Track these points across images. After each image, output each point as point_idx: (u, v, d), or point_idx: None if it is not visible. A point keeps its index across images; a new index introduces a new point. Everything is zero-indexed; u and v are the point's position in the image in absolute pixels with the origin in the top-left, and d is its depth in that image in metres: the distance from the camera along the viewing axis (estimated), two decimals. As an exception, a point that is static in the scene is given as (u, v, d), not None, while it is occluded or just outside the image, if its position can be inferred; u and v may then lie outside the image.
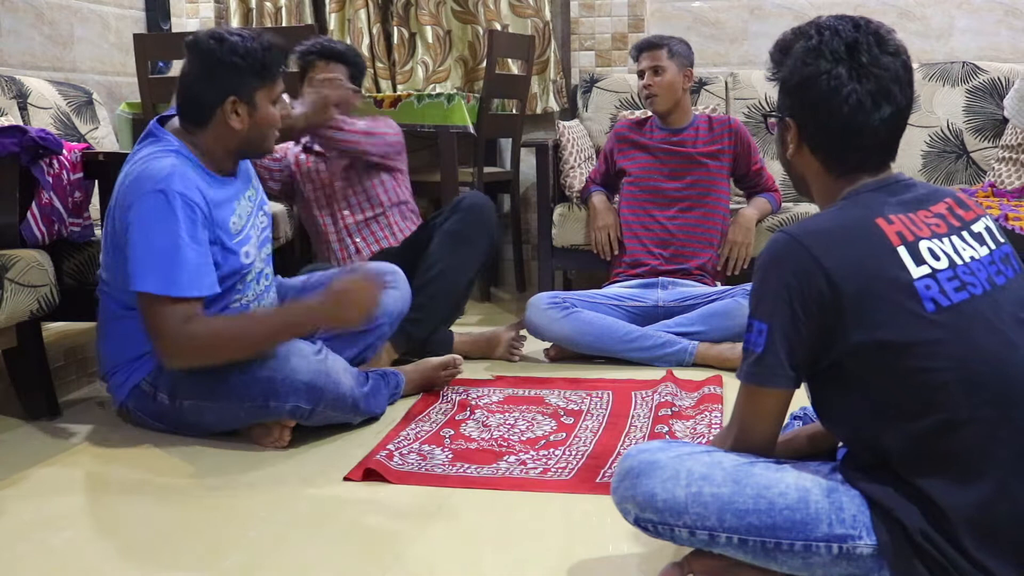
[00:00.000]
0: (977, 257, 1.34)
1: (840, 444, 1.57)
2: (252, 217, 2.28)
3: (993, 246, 1.37)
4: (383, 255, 3.02)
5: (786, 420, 1.74)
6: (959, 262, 1.31)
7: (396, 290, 2.51)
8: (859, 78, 1.34)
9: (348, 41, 4.30)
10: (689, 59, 3.17)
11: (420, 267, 2.86)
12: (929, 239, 1.32)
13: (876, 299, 1.28)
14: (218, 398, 2.11)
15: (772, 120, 1.50)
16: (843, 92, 1.34)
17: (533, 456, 2.08)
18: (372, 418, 2.33)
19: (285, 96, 2.28)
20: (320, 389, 2.09)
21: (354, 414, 2.24)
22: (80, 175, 2.53)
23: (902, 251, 1.30)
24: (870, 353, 1.28)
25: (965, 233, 1.36)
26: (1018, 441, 1.25)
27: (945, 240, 1.33)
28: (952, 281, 1.29)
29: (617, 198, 3.35)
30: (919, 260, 1.30)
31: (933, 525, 1.25)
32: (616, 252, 3.24)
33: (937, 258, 1.30)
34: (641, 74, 3.15)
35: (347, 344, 2.42)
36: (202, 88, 2.12)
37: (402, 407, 2.44)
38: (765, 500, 1.35)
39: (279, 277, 2.51)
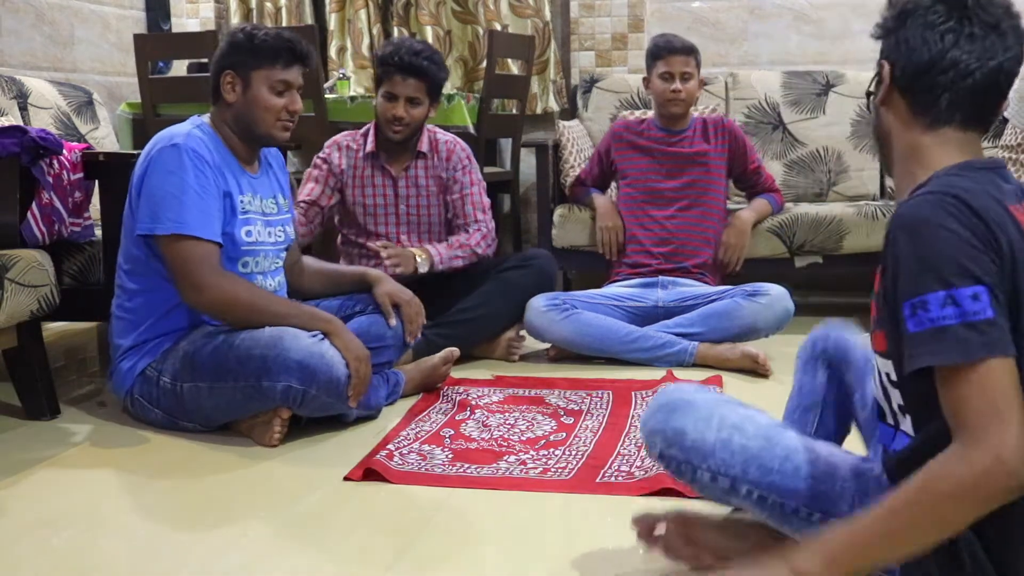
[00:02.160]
0: None
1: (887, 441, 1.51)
2: (264, 217, 2.35)
3: None
4: (424, 275, 2.97)
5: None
6: None
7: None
8: (959, 18, 1.23)
9: (348, 41, 4.31)
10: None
11: (466, 299, 2.91)
12: None
13: (1020, 286, 1.13)
14: (214, 379, 2.15)
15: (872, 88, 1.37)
16: (942, 25, 1.23)
17: (533, 456, 2.08)
18: (369, 416, 2.33)
19: (298, 96, 2.32)
20: (312, 369, 2.10)
21: (348, 405, 2.22)
22: (80, 175, 2.53)
23: None
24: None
25: None
26: None
27: None
28: None
29: (615, 198, 3.35)
30: None
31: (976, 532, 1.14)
32: (621, 253, 3.25)
33: None
34: (667, 76, 3.10)
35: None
36: (215, 63, 2.31)
37: (402, 407, 2.44)
38: (792, 464, 1.33)
39: None
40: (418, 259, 2.82)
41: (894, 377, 1.26)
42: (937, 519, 1.08)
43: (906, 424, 1.27)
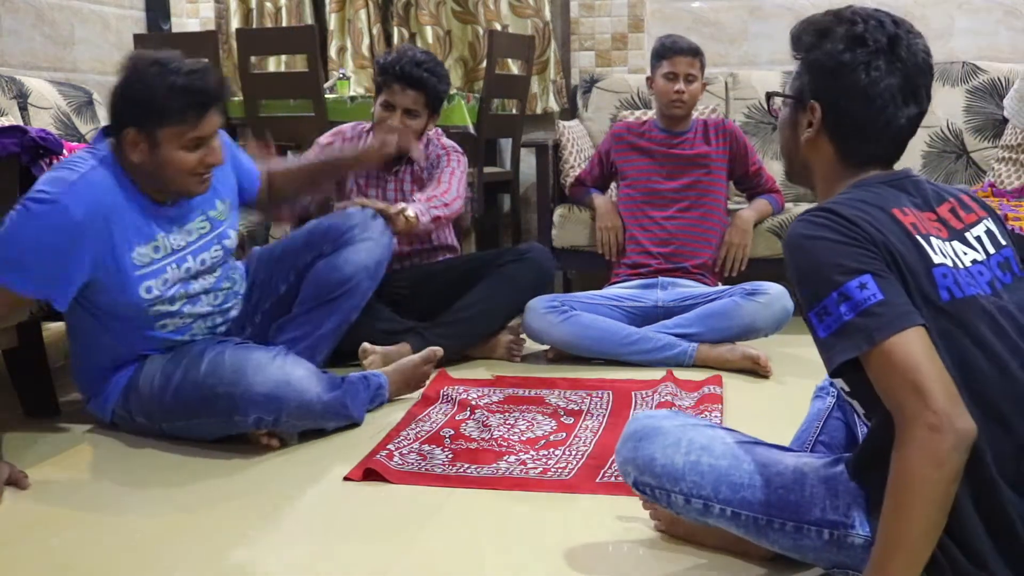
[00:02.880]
0: (979, 260, 1.32)
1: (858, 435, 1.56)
2: (184, 251, 2.16)
3: (992, 250, 1.35)
4: (420, 272, 2.98)
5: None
6: (961, 266, 1.28)
7: (370, 241, 2.46)
8: (895, 72, 1.32)
9: (348, 42, 4.30)
10: None
11: (464, 296, 2.89)
12: (936, 238, 1.29)
13: (904, 275, 1.23)
14: (187, 417, 2.12)
15: (777, 103, 1.45)
16: (881, 84, 1.31)
17: (533, 456, 2.08)
18: (353, 424, 2.29)
19: (219, 141, 2.08)
20: (279, 399, 2.06)
21: (324, 420, 2.20)
22: (80, 175, 2.52)
23: (919, 240, 1.27)
24: None
25: (967, 236, 1.34)
26: (999, 450, 1.21)
27: (946, 244, 1.30)
28: (960, 277, 1.27)
29: (615, 199, 3.35)
30: (934, 251, 1.27)
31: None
32: (621, 254, 3.25)
33: (945, 256, 1.28)
34: (672, 76, 3.09)
35: (331, 312, 2.41)
36: (112, 111, 2.03)
37: (402, 407, 2.44)
38: (761, 477, 1.38)
39: (257, 249, 2.52)
40: (408, 215, 2.65)
41: (847, 389, 1.33)
42: (924, 503, 1.13)
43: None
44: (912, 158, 3.79)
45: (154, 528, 1.76)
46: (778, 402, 2.50)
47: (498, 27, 4.10)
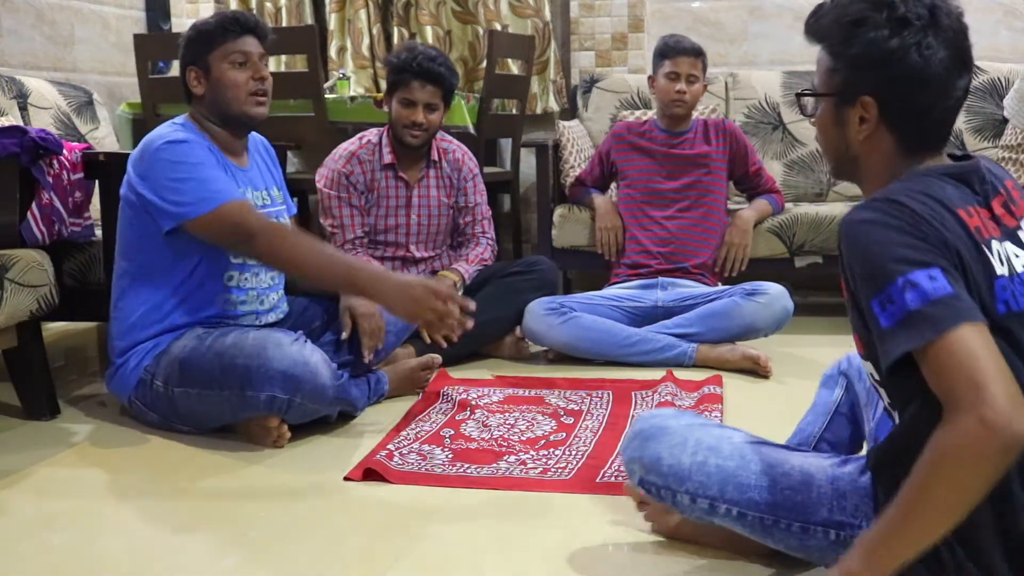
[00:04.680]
0: None
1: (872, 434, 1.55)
2: (261, 210, 2.32)
3: None
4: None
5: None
6: (1015, 273, 1.21)
7: None
8: (946, 45, 1.23)
9: (348, 42, 4.30)
10: None
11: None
12: (995, 240, 1.21)
13: (969, 281, 1.16)
14: (202, 386, 2.15)
15: (809, 104, 1.36)
16: (935, 61, 1.22)
17: (533, 456, 2.08)
18: (352, 413, 2.33)
19: (262, 64, 2.33)
20: (297, 378, 2.10)
21: (333, 407, 2.23)
22: (80, 175, 2.53)
23: (983, 247, 1.19)
24: None
25: (1019, 235, 1.26)
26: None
27: (1002, 245, 1.22)
28: (1016, 289, 1.20)
29: (615, 199, 3.35)
30: (995, 258, 1.20)
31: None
32: (621, 253, 3.25)
33: (1003, 264, 1.21)
34: (673, 76, 3.09)
35: (353, 351, 2.44)
36: (180, 69, 2.33)
37: (402, 407, 2.44)
38: (768, 478, 1.37)
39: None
40: (456, 286, 2.88)
41: (877, 376, 1.29)
42: (948, 492, 1.09)
43: (897, 419, 1.29)
44: (912, 158, 3.79)
45: (154, 528, 1.76)
46: (778, 402, 2.50)
47: (498, 27, 4.10)
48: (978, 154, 1.34)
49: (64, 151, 2.46)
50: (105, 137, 3.44)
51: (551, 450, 2.12)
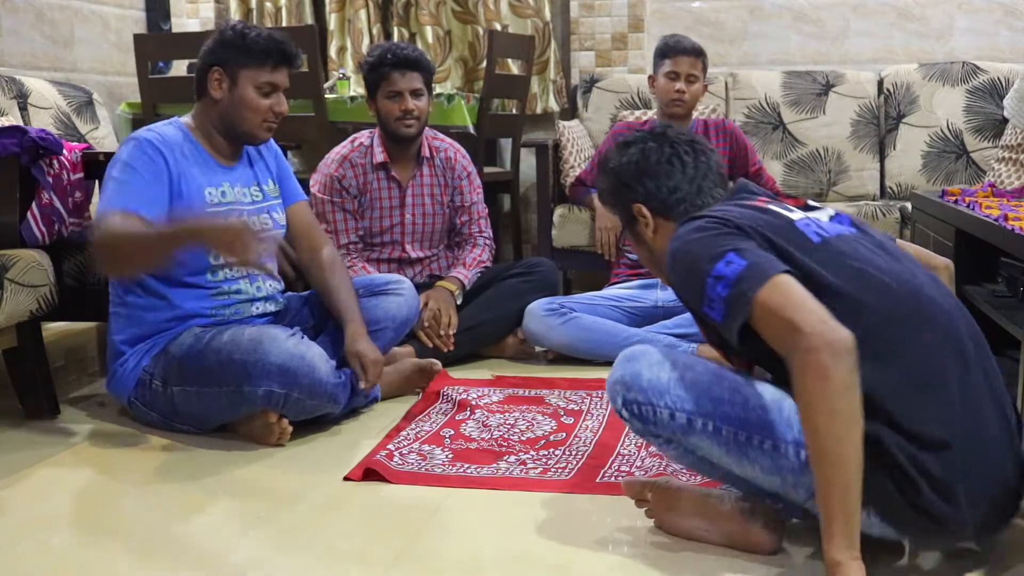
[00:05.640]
0: (832, 216, 1.58)
1: None
2: (244, 207, 2.32)
3: (833, 212, 1.60)
4: (430, 283, 2.97)
5: None
6: (820, 219, 1.55)
7: (400, 296, 2.50)
8: (660, 144, 1.67)
9: (348, 42, 4.31)
10: None
11: (470, 306, 2.94)
12: (791, 207, 1.57)
13: (774, 238, 1.45)
14: (200, 384, 2.15)
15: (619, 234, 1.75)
16: (655, 155, 1.66)
17: (533, 456, 2.08)
18: (354, 415, 2.33)
19: (284, 98, 2.31)
20: (293, 372, 2.10)
21: (332, 403, 2.22)
22: (80, 175, 2.53)
23: (774, 207, 1.54)
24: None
25: (814, 209, 1.60)
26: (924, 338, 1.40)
27: (799, 211, 1.56)
28: (822, 226, 1.52)
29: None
30: (792, 212, 1.53)
31: (905, 441, 1.36)
32: (620, 253, 3.25)
33: (803, 215, 1.53)
34: (673, 76, 3.08)
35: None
36: (202, 57, 2.30)
37: (402, 407, 2.45)
38: (740, 395, 1.47)
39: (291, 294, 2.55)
40: (455, 295, 2.91)
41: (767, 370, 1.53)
42: (830, 421, 1.27)
43: None
44: (912, 158, 3.79)
45: (154, 528, 1.76)
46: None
47: (498, 27, 4.10)
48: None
49: (64, 151, 2.46)
50: (105, 137, 3.43)
51: (551, 450, 2.12)
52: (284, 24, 4.31)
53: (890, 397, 1.36)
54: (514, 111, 4.00)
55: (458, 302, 2.91)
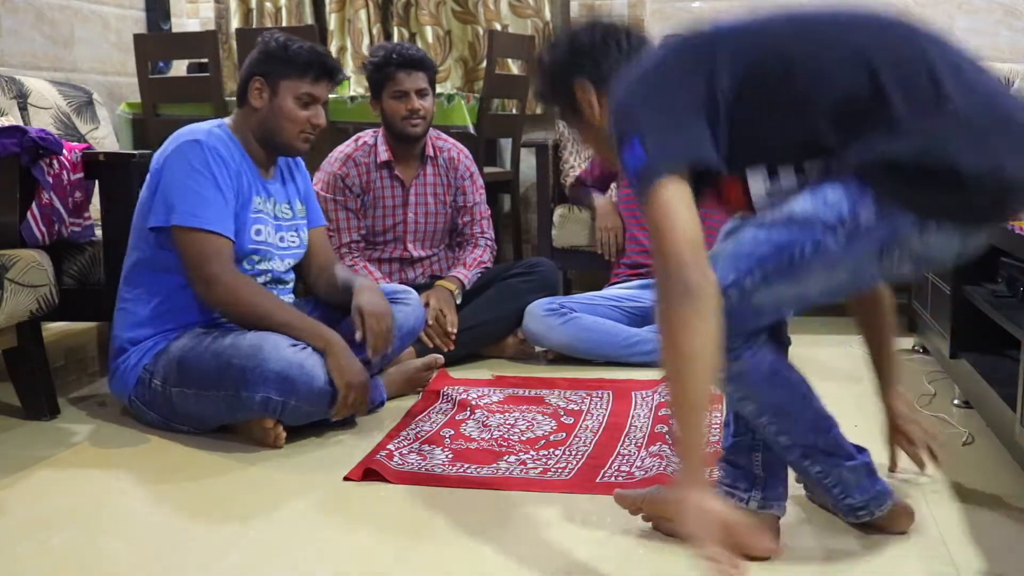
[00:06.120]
0: None
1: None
2: (276, 221, 2.38)
3: None
4: (430, 283, 2.98)
5: None
6: None
7: (407, 306, 2.51)
8: (591, 28, 1.69)
9: (348, 42, 4.31)
10: None
11: (470, 306, 2.95)
12: None
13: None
14: (198, 386, 2.16)
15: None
16: (587, 37, 1.66)
17: (533, 456, 2.08)
18: (350, 418, 2.30)
19: (323, 111, 2.35)
20: (292, 380, 2.10)
21: (330, 412, 2.21)
22: (80, 175, 2.53)
23: None
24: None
25: None
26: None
27: None
28: None
29: (615, 199, 3.35)
30: None
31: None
32: (620, 253, 3.25)
33: None
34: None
35: (356, 353, 2.42)
36: (245, 67, 2.36)
37: (402, 407, 2.44)
38: (760, 242, 1.51)
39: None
40: (455, 295, 2.92)
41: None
42: (672, 351, 1.38)
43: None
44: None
45: (154, 528, 1.76)
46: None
47: (498, 27, 4.10)
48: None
49: (64, 151, 2.45)
50: (105, 137, 3.43)
51: (551, 450, 2.12)
52: (284, 24, 4.31)
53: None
54: (514, 111, 4.00)
55: (457, 302, 2.91)
